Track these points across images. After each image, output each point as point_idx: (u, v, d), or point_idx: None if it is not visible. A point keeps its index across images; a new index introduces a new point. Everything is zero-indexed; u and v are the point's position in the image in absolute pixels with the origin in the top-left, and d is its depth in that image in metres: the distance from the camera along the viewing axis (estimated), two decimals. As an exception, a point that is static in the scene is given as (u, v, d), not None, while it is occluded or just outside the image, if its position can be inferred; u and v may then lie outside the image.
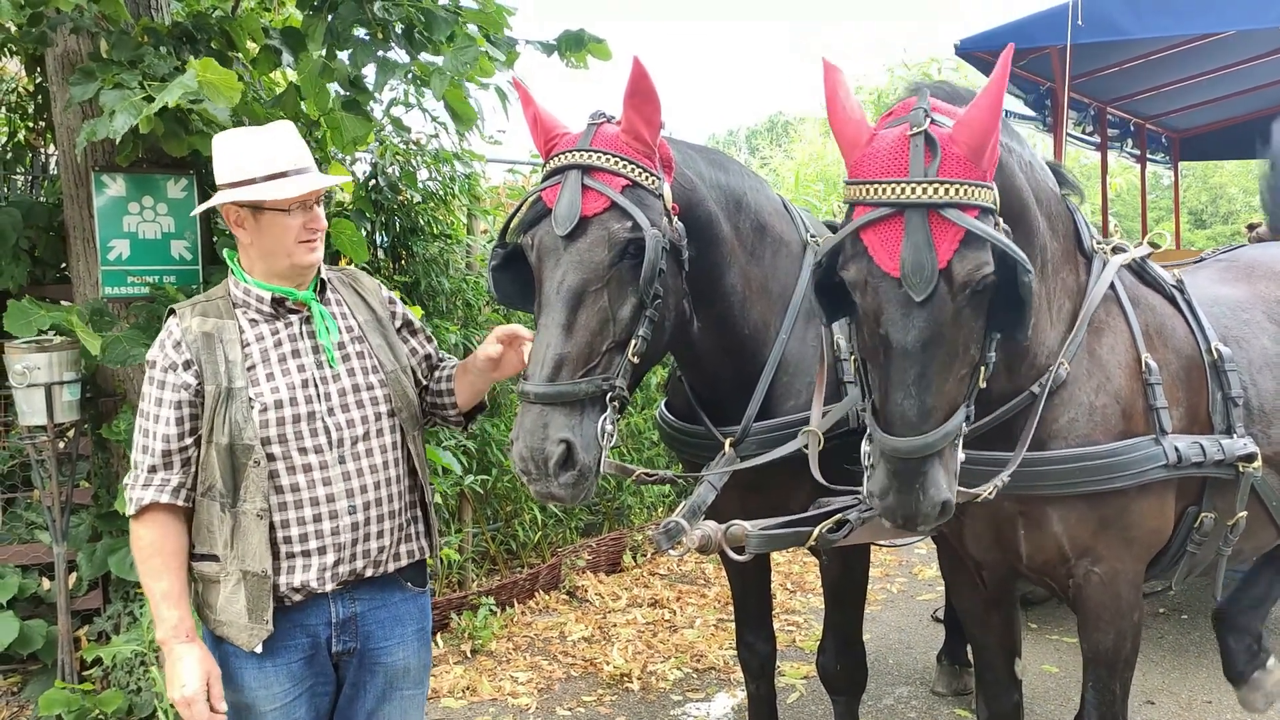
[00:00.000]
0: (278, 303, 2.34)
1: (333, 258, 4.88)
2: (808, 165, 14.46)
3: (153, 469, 2.26)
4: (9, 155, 4.92)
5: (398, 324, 2.56)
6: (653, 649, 5.06)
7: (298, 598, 2.30)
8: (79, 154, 3.74)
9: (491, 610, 5.29)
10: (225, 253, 2.44)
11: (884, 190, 1.99)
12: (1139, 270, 2.82)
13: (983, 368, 2.14)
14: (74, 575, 4.12)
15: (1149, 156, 10.45)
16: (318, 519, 2.29)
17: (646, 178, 2.37)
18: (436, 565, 5.19)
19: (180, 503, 2.27)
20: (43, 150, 5.00)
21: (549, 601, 5.70)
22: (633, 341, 2.35)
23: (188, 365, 2.26)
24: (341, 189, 4.95)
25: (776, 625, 3.65)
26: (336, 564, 2.31)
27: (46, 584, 4.24)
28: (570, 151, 2.38)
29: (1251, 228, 8.74)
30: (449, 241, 5.82)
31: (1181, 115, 9.84)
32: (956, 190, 1.96)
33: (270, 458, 2.26)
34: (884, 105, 11.31)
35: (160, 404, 2.26)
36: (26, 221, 4.30)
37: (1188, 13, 6.11)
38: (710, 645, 5.09)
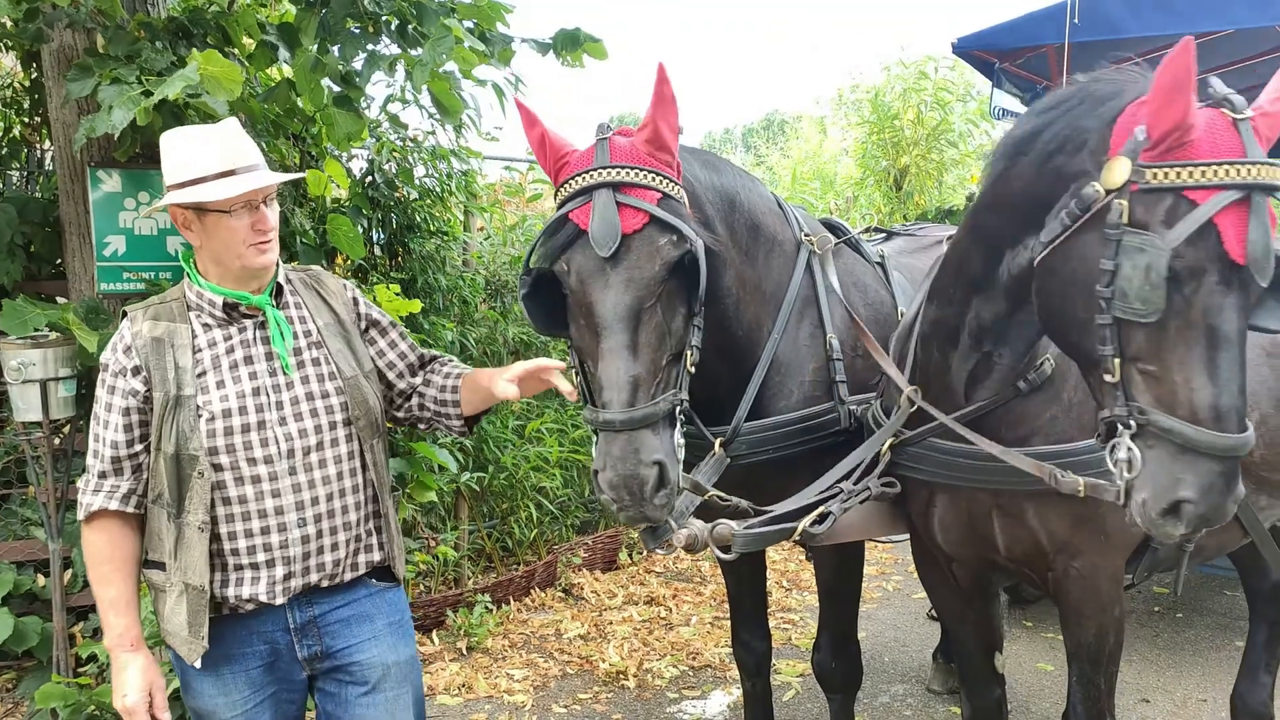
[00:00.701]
0: (230, 308, 2.27)
1: (330, 255, 4.88)
2: (804, 163, 14.47)
3: (103, 475, 2.23)
4: (4, 151, 4.90)
5: (363, 325, 2.47)
6: (649, 647, 5.06)
7: (250, 607, 2.25)
8: (76, 150, 3.73)
9: (487, 608, 5.29)
10: (180, 254, 2.38)
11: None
12: None
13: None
14: (69, 572, 4.11)
15: (1145, 155, 10.44)
16: (265, 531, 2.22)
17: (674, 188, 2.32)
18: (433, 563, 5.19)
19: (130, 509, 2.23)
20: (38, 146, 4.98)
21: (545, 599, 5.70)
22: (688, 351, 2.32)
23: (136, 371, 2.21)
24: (337, 185, 4.94)
25: (772, 623, 3.66)
26: (287, 577, 2.24)
27: (42, 580, 4.23)
28: (593, 170, 2.28)
29: None
30: (446, 238, 5.81)
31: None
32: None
33: (218, 468, 2.19)
34: (881, 104, 11.36)
35: (110, 409, 2.22)
36: (22, 217, 4.28)
37: (1186, 11, 6.11)
38: (706, 643, 5.10)
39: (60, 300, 4.22)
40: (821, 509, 2.57)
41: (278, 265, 2.35)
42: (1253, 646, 3.73)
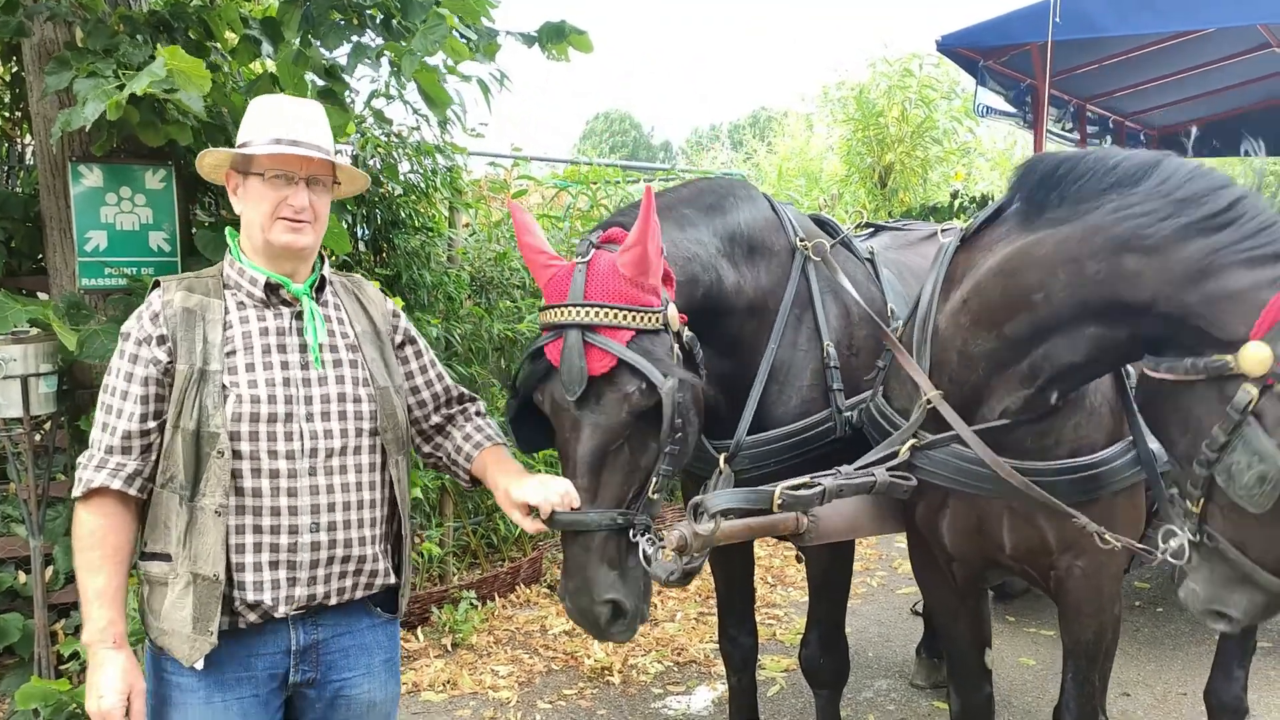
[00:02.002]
0: (271, 289, 2.17)
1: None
2: (789, 160, 14.49)
3: (110, 450, 2.08)
4: (-15, 145, 4.86)
5: (399, 339, 2.40)
6: (633, 643, 5.06)
7: (252, 617, 2.10)
8: (54, 144, 3.70)
9: (472, 604, 5.28)
10: (228, 230, 2.28)
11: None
12: None
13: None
14: (50, 569, 4.08)
15: (1128, 153, 10.51)
16: (275, 530, 2.09)
17: (649, 319, 2.32)
18: (418, 559, 5.18)
19: (133, 492, 2.09)
20: (19, 141, 4.94)
21: (530, 595, 5.70)
22: (653, 480, 2.36)
23: (161, 340, 2.09)
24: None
25: (757, 619, 3.66)
26: (292, 584, 2.11)
27: (23, 578, 4.20)
28: (565, 306, 2.31)
29: None
30: (430, 234, 5.79)
31: (1161, 112, 9.92)
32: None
33: (237, 455, 2.06)
34: (866, 101, 11.38)
35: (130, 379, 2.08)
36: (2, 213, 4.25)
37: (1167, 10, 6.15)
38: (691, 639, 5.11)
39: (41, 296, 4.19)
40: (811, 478, 2.54)
41: (321, 260, 2.28)
42: (1225, 640, 3.73)
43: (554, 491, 2.27)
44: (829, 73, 17.98)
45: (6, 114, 4.86)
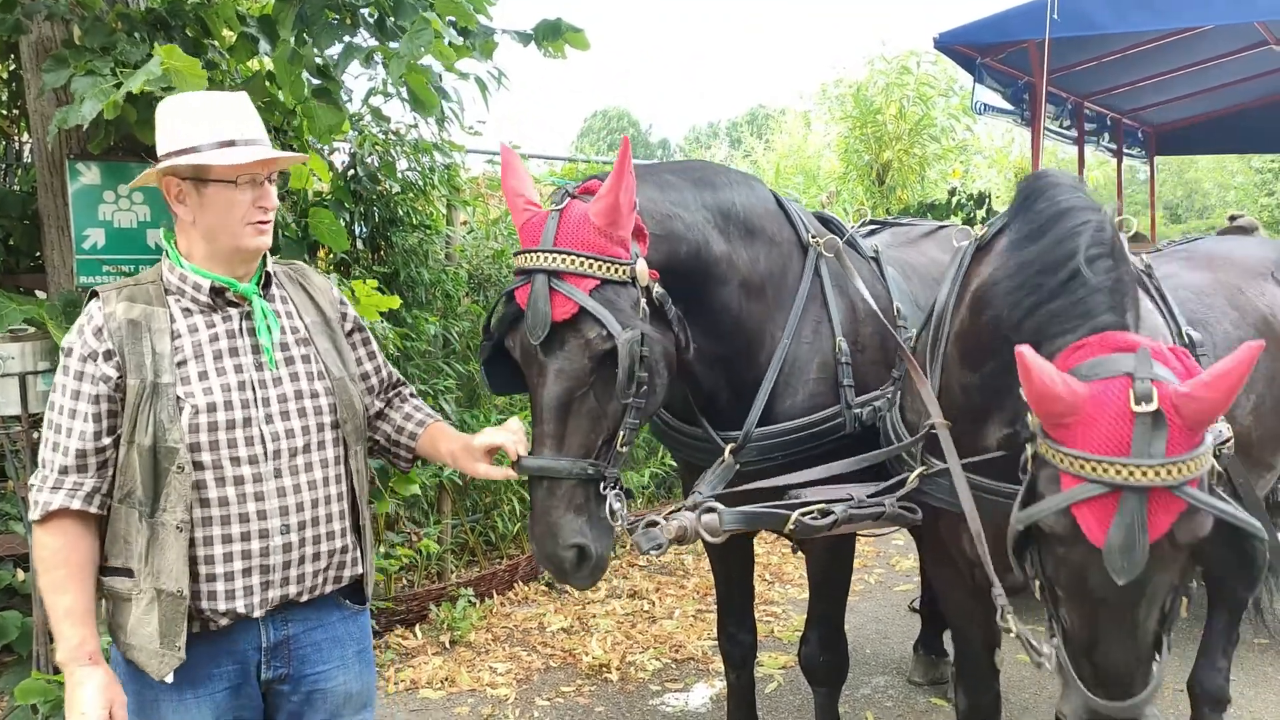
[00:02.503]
0: (217, 293, 2.11)
1: (313, 248, 4.85)
2: (787, 157, 14.50)
3: (64, 470, 2.02)
4: (-18, 143, 4.86)
5: (348, 327, 2.36)
6: (631, 640, 5.07)
7: (224, 621, 2.08)
8: (50, 141, 3.70)
9: (470, 601, 5.29)
10: (162, 233, 2.20)
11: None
12: None
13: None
14: (49, 567, 4.08)
15: (1125, 151, 10.55)
16: (246, 537, 2.06)
17: (615, 270, 2.35)
18: (416, 557, 5.18)
19: (93, 510, 2.03)
20: (16, 138, 4.94)
21: (528, 592, 5.71)
22: (620, 432, 2.39)
23: (109, 355, 2.02)
24: (319, 178, 4.92)
25: (755, 616, 3.67)
26: (265, 587, 2.09)
27: (21, 575, 4.21)
28: (535, 252, 2.36)
29: (1233, 219, 8.84)
30: (428, 232, 5.79)
31: (1158, 110, 9.93)
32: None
33: (199, 466, 2.03)
34: (863, 99, 11.38)
35: (77, 397, 2.02)
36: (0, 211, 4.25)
37: (1165, 8, 6.16)
38: (689, 636, 5.11)
39: (39, 294, 4.19)
40: (824, 505, 2.57)
41: (265, 255, 2.22)
42: (1211, 631, 3.72)
43: (515, 430, 2.35)
44: (827, 70, 18.08)
45: (4, 112, 4.85)
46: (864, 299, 2.98)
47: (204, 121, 2.07)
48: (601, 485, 2.38)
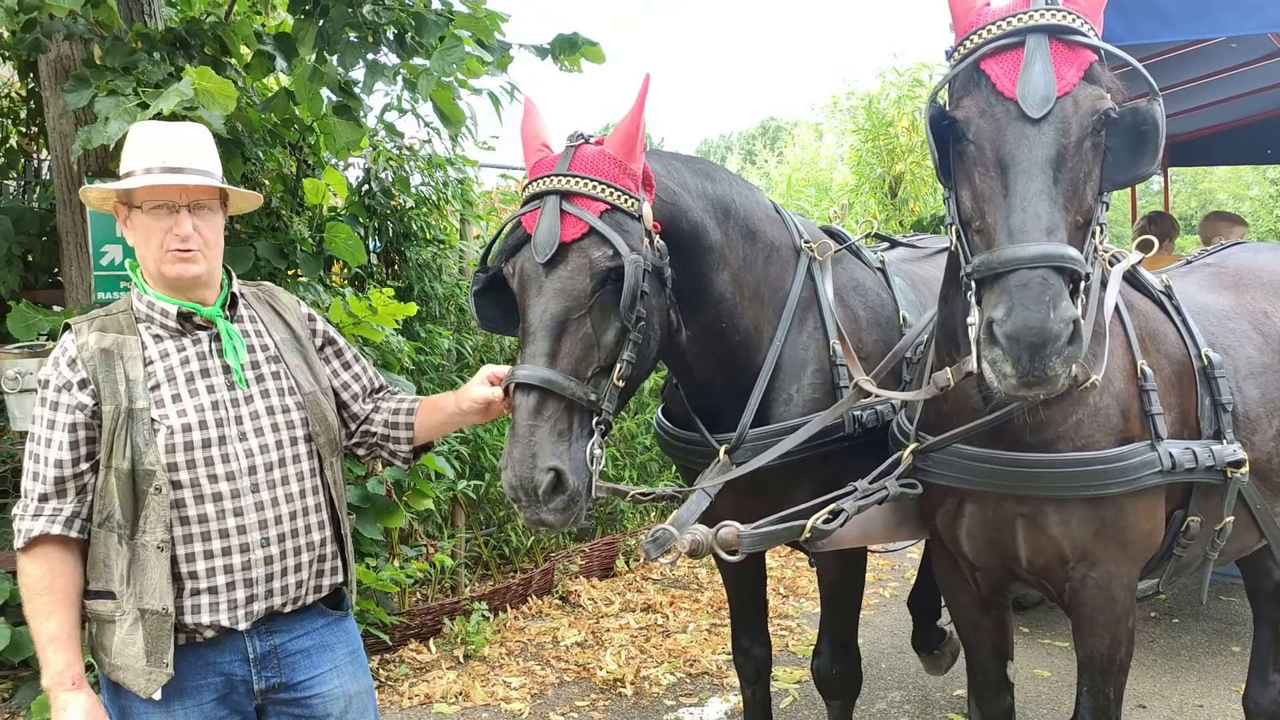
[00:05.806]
0: (184, 318, 2.16)
1: (327, 263, 4.88)
2: (799, 170, 14.52)
3: (44, 497, 2.06)
4: (1, 161, 4.92)
5: (319, 342, 2.40)
6: (646, 654, 5.06)
7: (210, 634, 2.13)
8: (73, 160, 3.74)
9: (484, 615, 5.29)
10: (128, 262, 2.26)
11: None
12: (1130, 276, 2.84)
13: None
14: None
15: (1139, 162, 10.48)
16: (227, 552, 2.11)
17: (625, 200, 2.35)
18: (430, 570, 5.19)
19: (74, 534, 2.08)
20: (35, 156, 4.99)
21: (542, 606, 5.70)
22: (618, 365, 2.35)
23: (83, 384, 2.08)
24: (335, 193, 4.95)
25: (770, 630, 3.66)
26: (249, 600, 2.14)
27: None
28: (549, 176, 2.35)
29: (1216, 215, 8.81)
30: (442, 247, 5.83)
31: (1171, 121, 9.88)
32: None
33: (177, 485, 2.08)
34: (875, 111, 11.40)
35: (53, 426, 2.07)
36: (19, 227, 4.30)
37: (1178, 19, 6.13)
38: (703, 650, 5.10)
39: (57, 309, 4.23)
40: (834, 505, 2.56)
41: (229, 278, 2.27)
42: (1259, 647, 3.73)
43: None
44: (838, 82, 18.07)
45: (23, 130, 4.91)
46: (867, 306, 2.98)
47: (146, 149, 2.12)
48: (594, 419, 2.31)
